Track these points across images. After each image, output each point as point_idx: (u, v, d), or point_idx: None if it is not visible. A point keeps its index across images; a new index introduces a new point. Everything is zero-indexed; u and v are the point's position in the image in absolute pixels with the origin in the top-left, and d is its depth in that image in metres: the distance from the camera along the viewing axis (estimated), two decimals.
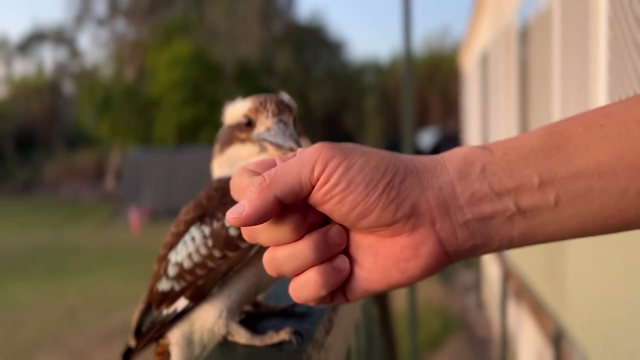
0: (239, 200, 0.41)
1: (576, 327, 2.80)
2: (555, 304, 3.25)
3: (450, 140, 18.29)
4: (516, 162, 0.40)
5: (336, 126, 23.96)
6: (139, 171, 15.47)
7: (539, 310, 3.55)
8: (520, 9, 4.38)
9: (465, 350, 5.67)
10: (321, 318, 0.65)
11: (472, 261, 7.67)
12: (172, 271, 0.65)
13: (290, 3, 24.14)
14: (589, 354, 2.54)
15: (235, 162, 0.67)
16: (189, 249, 0.64)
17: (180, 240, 0.66)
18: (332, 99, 23.87)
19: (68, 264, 9.71)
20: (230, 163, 0.68)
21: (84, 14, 23.47)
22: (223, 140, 0.69)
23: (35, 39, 26.04)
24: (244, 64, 20.74)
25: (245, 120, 0.66)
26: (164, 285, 0.66)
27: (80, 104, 22.80)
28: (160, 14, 21.85)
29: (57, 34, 25.14)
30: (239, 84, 19.42)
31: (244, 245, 0.62)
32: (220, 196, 0.65)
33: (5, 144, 24.06)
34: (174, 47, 19.32)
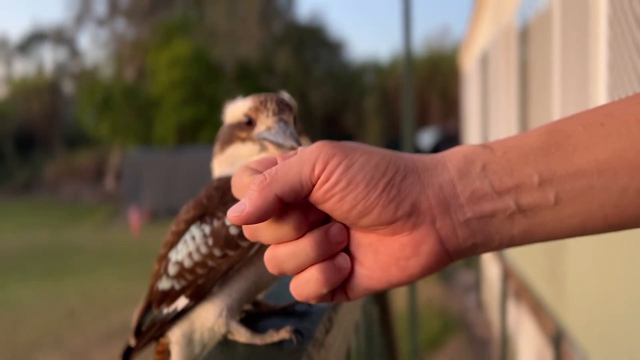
0: (240, 199, 0.41)
1: (576, 327, 2.79)
2: (555, 304, 3.24)
3: (450, 140, 18.29)
4: (516, 161, 0.40)
5: (336, 126, 23.95)
6: (139, 171, 15.47)
7: (539, 310, 3.54)
8: (520, 9, 4.38)
9: (465, 350, 5.66)
10: (321, 317, 0.65)
11: (472, 261, 7.67)
12: (173, 270, 0.65)
13: (290, 3, 24.15)
14: (589, 354, 2.54)
15: (235, 161, 0.67)
16: (189, 248, 0.64)
17: (181, 239, 0.66)
18: (332, 99, 23.87)
19: (68, 264, 9.71)
20: (230, 162, 0.68)
21: (84, 14, 23.49)
22: (223, 139, 0.69)
23: (35, 39, 26.05)
24: (244, 64, 20.74)
25: (246, 119, 0.66)
26: (164, 284, 0.66)
27: (80, 104, 22.80)
28: (160, 14, 21.85)
29: (57, 34, 25.15)
30: (239, 84, 19.42)
31: (244, 244, 0.62)
32: (221, 195, 0.65)
33: (5, 144, 24.07)
34: (174, 47, 19.32)
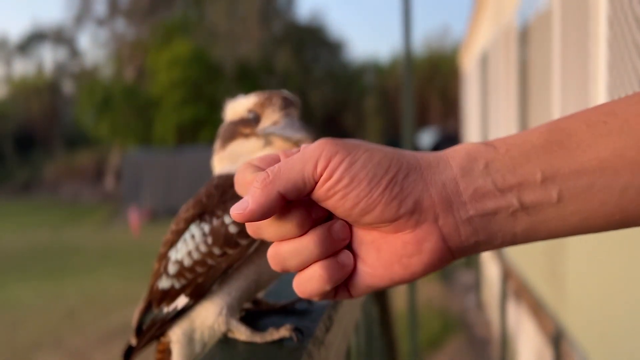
0: (243, 196, 0.41)
1: (576, 327, 2.80)
2: (555, 304, 3.24)
3: (449, 140, 18.28)
4: (519, 159, 0.40)
5: (336, 126, 23.95)
6: (138, 171, 15.48)
7: (539, 310, 3.54)
8: (520, 9, 4.38)
9: (465, 350, 5.67)
10: (321, 315, 0.65)
11: (472, 261, 7.67)
12: (172, 269, 0.65)
13: (290, 3, 24.16)
14: (588, 354, 2.54)
15: (238, 158, 0.67)
16: (188, 247, 0.64)
17: (180, 238, 0.66)
18: (332, 99, 23.88)
19: (68, 264, 9.71)
20: (233, 158, 0.68)
21: (83, 14, 23.50)
22: (225, 136, 0.69)
23: (35, 38, 26.06)
24: (244, 64, 20.75)
25: (250, 115, 0.66)
26: (164, 283, 0.66)
27: (80, 104, 22.80)
28: (160, 14, 21.86)
29: (57, 34, 25.16)
30: (239, 84, 19.42)
31: (243, 242, 0.62)
32: (220, 194, 0.65)
33: (5, 144, 24.07)
34: (173, 47, 19.33)
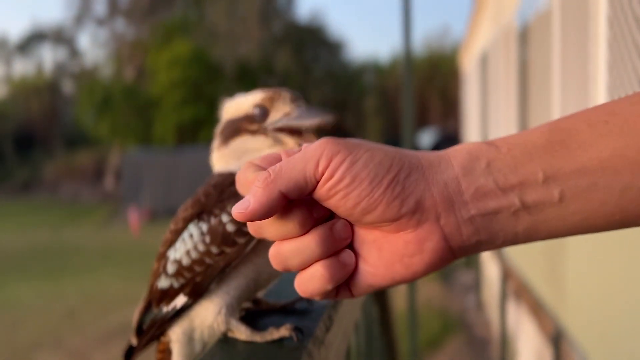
0: (244, 195, 0.41)
1: (576, 327, 2.80)
2: (554, 304, 3.24)
3: (449, 140, 18.29)
4: (521, 158, 0.40)
5: (336, 126, 23.92)
6: (138, 171, 15.48)
7: (539, 310, 3.55)
8: (520, 9, 4.38)
9: (464, 351, 5.67)
10: (321, 315, 0.65)
11: (472, 261, 7.68)
12: (171, 268, 0.65)
13: (290, 3, 24.17)
14: (588, 354, 2.54)
15: (243, 154, 0.66)
16: (187, 246, 0.64)
17: (179, 238, 0.66)
18: (332, 99, 23.88)
19: (68, 264, 9.71)
20: (237, 155, 0.67)
21: (83, 14, 23.50)
22: (227, 132, 0.68)
23: (35, 38, 26.05)
24: (244, 64, 20.76)
25: (257, 111, 0.65)
26: (163, 282, 0.66)
27: (80, 103, 22.80)
28: (160, 14, 21.86)
29: (57, 34, 25.16)
30: (239, 84, 19.42)
31: (241, 240, 0.62)
32: (218, 193, 0.64)
33: (5, 144, 24.07)
34: (173, 47, 19.33)
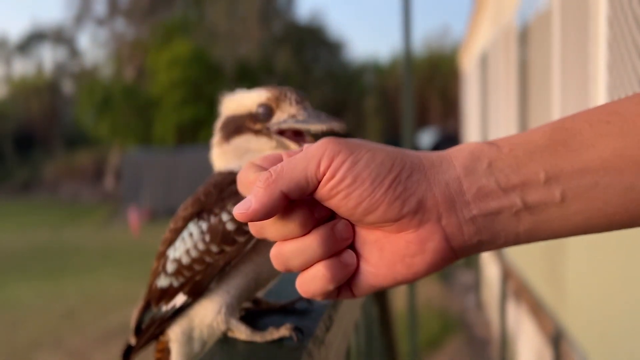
0: (246, 196, 0.41)
1: (576, 327, 2.79)
2: (554, 304, 3.24)
3: (449, 140, 18.29)
4: (522, 158, 0.40)
5: None
6: (138, 171, 15.48)
7: (539, 310, 3.55)
8: (520, 10, 4.38)
9: (464, 351, 5.67)
10: (321, 315, 0.65)
11: (472, 261, 7.67)
12: (171, 267, 0.65)
13: (290, 3, 24.18)
14: (588, 354, 2.54)
15: (245, 153, 0.66)
16: (187, 245, 0.64)
17: (179, 237, 0.65)
18: (332, 99, 23.87)
19: (68, 264, 9.71)
20: (238, 154, 0.66)
21: (83, 14, 23.50)
22: (229, 129, 0.67)
23: (35, 38, 26.06)
24: (244, 64, 20.76)
25: (262, 110, 0.65)
26: (162, 281, 0.66)
27: (80, 103, 22.80)
28: (160, 14, 21.86)
29: (57, 34, 25.16)
30: (239, 84, 19.07)
31: (240, 239, 0.61)
32: (218, 191, 0.64)
33: (5, 144, 24.06)
34: (173, 47, 19.33)
